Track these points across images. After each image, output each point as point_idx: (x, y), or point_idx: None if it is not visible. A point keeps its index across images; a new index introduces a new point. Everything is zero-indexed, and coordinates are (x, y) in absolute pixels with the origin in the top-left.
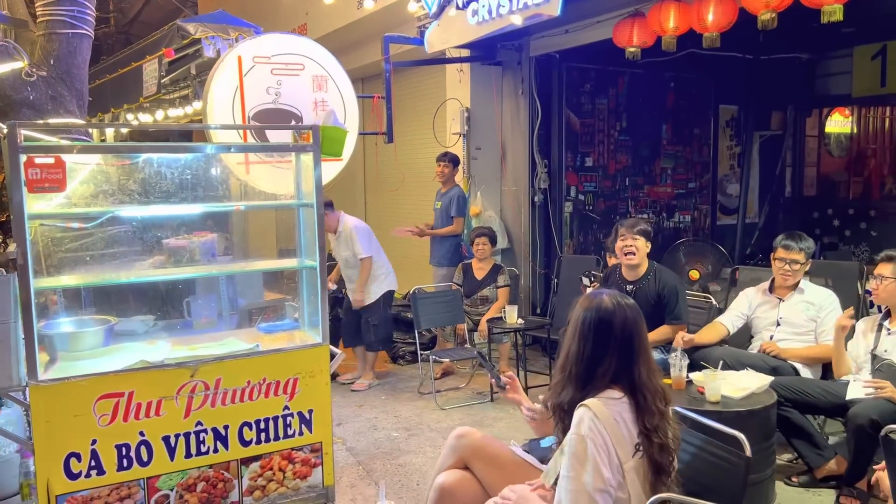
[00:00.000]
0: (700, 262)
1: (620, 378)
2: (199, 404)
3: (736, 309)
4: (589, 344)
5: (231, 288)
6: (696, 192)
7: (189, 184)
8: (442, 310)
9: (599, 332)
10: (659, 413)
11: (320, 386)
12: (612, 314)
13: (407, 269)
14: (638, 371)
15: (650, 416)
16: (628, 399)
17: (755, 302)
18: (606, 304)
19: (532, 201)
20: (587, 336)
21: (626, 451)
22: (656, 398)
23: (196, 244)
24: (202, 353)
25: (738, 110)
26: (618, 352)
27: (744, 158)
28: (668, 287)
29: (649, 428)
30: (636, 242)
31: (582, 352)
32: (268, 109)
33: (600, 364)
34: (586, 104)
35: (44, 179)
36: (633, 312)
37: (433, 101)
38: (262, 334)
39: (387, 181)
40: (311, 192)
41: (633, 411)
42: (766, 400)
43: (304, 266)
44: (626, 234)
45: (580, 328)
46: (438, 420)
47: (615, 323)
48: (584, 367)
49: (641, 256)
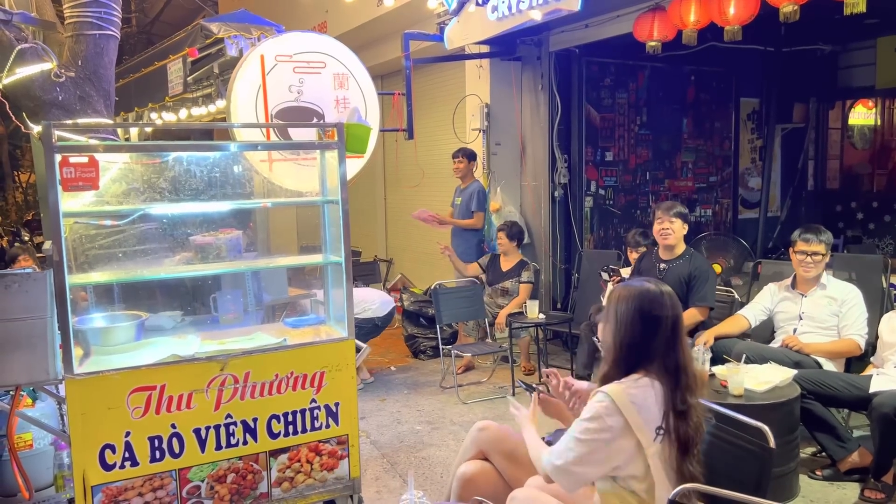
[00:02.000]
0: (722, 256)
1: (659, 362)
2: (229, 397)
3: (759, 303)
4: (638, 331)
5: (256, 284)
6: (717, 185)
7: (216, 181)
8: (463, 304)
9: (650, 319)
10: (692, 394)
11: (346, 379)
12: (662, 301)
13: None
14: (679, 354)
15: (685, 396)
16: (659, 381)
17: (777, 297)
18: (654, 291)
19: (552, 196)
20: (635, 323)
21: (647, 436)
22: (692, 380)
23: (222, 241)
24: (231, 347)
25: (760, 103)
26: (665, 337)
27: (765, 152)
28: (700, 269)
29: (687, 404)
30: (672, 225)
31: (632, 339)
32: (290, 107)
33: (648, 349)
34: (606, 99)
35: (78, 178)
36: (673, 298)
37: (453, 97)
38: (289, 329)
39: (406, 177)
40: (336, 189)
41: (663, 393)
42: (789, 393)
43: (329, 262)
44: (662, 216)
45: (629, 316)
46: (461, 414)
47: (665, 309)
48: (633, 353)
49: (678, 237)
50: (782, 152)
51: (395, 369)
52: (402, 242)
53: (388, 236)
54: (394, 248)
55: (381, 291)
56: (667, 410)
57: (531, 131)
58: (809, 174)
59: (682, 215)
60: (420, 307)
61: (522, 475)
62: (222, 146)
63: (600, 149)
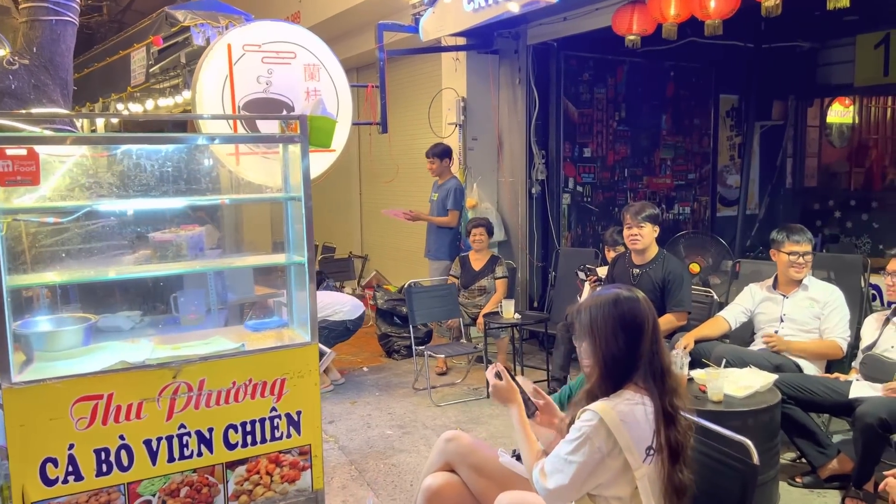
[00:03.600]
0: (700, 255)
1: (645, 369)
2: (183, 406)
3: (739, 304)
4: (622, 342)
5: (220, 282)
6: (695, 183)
7: (172, 176)
8: (438, 304)
9: (632, 327)
10: (678, 396)
11: (309, 386)
12: (639, 307)
13: (401, 261)
14: (663, 356)
15: (674, 398)
16: (648, 395)
17: (758, 297)
18: (629, 297)
19: (529, 193)
20: (617, 335)
21: (636, 457)
22: (676, 381)
23: (183, 238)
24: (185, 352)
25: (739, 100)
26: (649, 346)
27: (744, 149)
28: (674, 273)
29: (675, 408)
30: (642, 230)
31: (614, 351)
32: (258, 99)
33: (634, 359)
34: (585, 94)
35: (16, 172)
36: (648, 301)
37: (428, 90)
38: (250, 332)
39: (381, 172)
40: (299, 185)
41: (654, 409)
42: (770, 399)
43: (292, 262)
44: (631, 221)
45: (609, 328)
46: (433, 417)
47: (644, 313)
48: (619, 366)
49: (648, 241)
50: (761, 150)
51: (368, 370)
52: (377, 239)
53: (364, 232)
54: (369, 245)
55: (351, 296)
56: (658, 428)
57: (508, 126)
58: (788, 172)
59: (651, 218)
60: (394, 305)
61: (491, 489)
62: (179, 139)
63: (578, 145)
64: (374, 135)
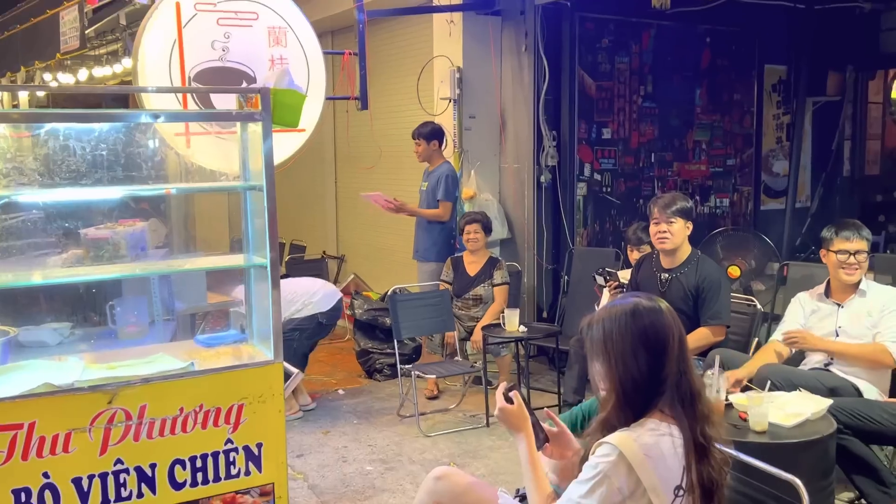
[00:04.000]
0: (741, 256)
1: (672, 393)
2: (119, 438)
3: (791, 321)
4: (643, 362)
5: (166, 289)
6: (735, 170)
7: (109, 161)
8: (427, 315)
9: (655, 344)
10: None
11: (272, 413)
12: (663, 318)
13: (385, 263)
14: (690, 382)
15: (706, 427)
16: (677, 424)
17: (808, 308)
18: (650, 306)
19: (537, 182)
20: (638, 353)
21: (663, 499)
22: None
23: (121, 236)
24: (123, 373)
25: (788, 71)
26: (675, 366)
27: (794, 130)
28: (710, 279)
29: (708, 439)
30: (672, 226)
31: (634, 374)
32: (213, 68)
33: (658, 382)
34: (604, 64)
35: None
36: (672, 311)
37: (417, 59)
38: (201, 348)
39: (361, 156)
40: (260, 172)
41: (683, 441)
42: (823, 429)
43: (251, 264)
44: (659, 216)
45: (628, 346)
46: (422, 450)
47: (669, 326)
48: (641, 392)
49: (679, 240)
50: (813, 131)
51: (344, 393)
52: (356, 236)
53: (340, 228)
54: (346, 243)
55: (322, 281)
56: (688, 463)
57: (513, 102)
58: (845, 157)
59: (683, 213)
60: (375, 316)
61: None
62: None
63: (596, 124)
64: (352, 112)
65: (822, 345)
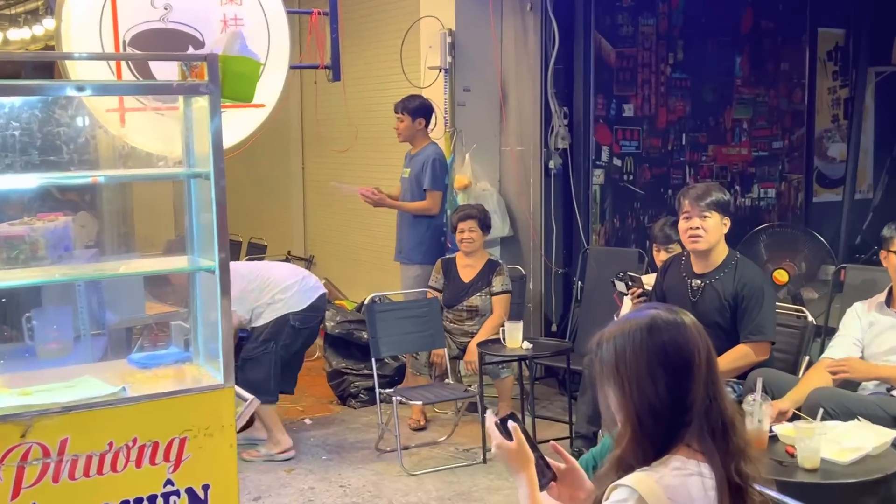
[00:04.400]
0: (789, 258)
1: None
2: (36, 478)
3: (847, 335)
4: (663, 387)
5: (95, 298)
6: (783, 154)
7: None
8: (412, 328)
9: (678, 364)
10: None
11: (222, 449)
12: (686, 333)
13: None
14: (721, 408)
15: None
16: (704, 459)
17: (865, 321)
18: (675, 321)
19: (546, 168)
20: (657, 377)
21: None
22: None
23: (40, 233)
24: (40, 399)
25: (846, 36)
26: (703, 391)
27: (853, 106)
28: (750, 286)
29: (743, 477)
30: (705, 222)
31: (652, 401)
32: (153, 30)
33: (683, 411)
34: (625, 27)
35: None
36: (701, 327)
37: (401, 20)
38: (136, 370)
39: (333, 137)
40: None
41: (715, 480)
42: (887, 466)
43: (197, 268)
44: (691, 208)
45: (645, 368)
46: (405, 492)
47: (696, 347)
48: (662, 424)
49: (714, 239)
50: (877, 107)
51: (311, 422)
52: (327, 233)
53: (308, 224)
54: (316, 242)
55: (304, 271)
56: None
57: (515, 73)
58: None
59: (720, 206)
60: (350, 330)
61: None
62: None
63: (616, 99)
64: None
65: (876, 372)
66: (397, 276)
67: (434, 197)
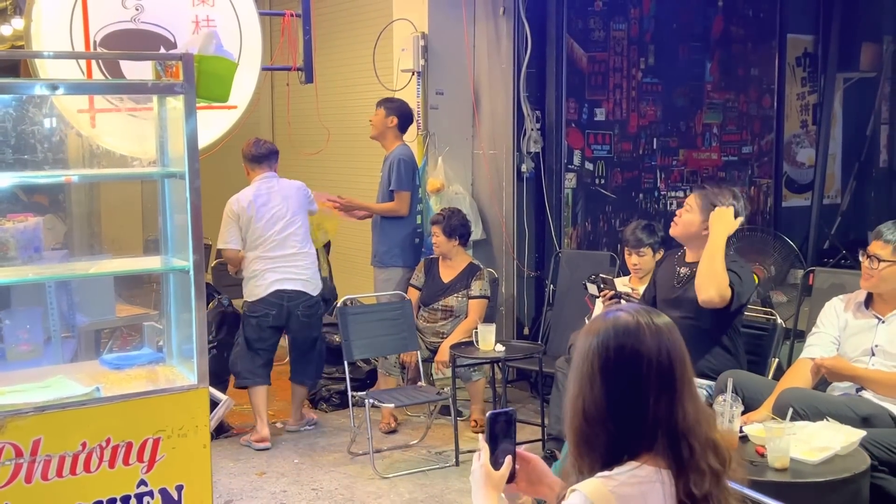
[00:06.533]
0: (759, 261)
1: (654, 435)
2: (8, 479)
3: (825, 333)
4: (599, 391)
5: (66, 299)
6: (753, 159)
7: None
8: (385, 331)
9: (618, 373)
10: (712, 475)
11: (195, 449)
12: (641, 342)
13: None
14: (680, 413)
15: (698, 479)
16: (662, 468)
17: (842, 320)
18: (633, 326)
19: (518, 171)
20: (595, 379)
21: None
22: (707, 452)
23: (9, 234)
24: (12, 400)
25: (815, 42)
26: (653, 393)
27: (821, 112)
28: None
29: (697, 497)
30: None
31: (598, 404)
32: (124, 31)
33: (624, 419)
34: (597, 31)
35: None
36: (668, 330)
37: (374, 23)
38: (108, 371)
39: (305, 140)
40: (181, 157)
41: (670, 487)
42: (854, 466)
43: (170, 268)
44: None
45: (592, 367)
46: (377, 494)
47: (647, 354)
48: (594, 427)
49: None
50: (844, 113)
51: (283, 426)
52: None
53: None
54: None
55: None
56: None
57: (488, 76)
58: (882, 145)
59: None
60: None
61: None
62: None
63: (588, 104)
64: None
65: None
66: (370, 280)
67: (401, 198)
